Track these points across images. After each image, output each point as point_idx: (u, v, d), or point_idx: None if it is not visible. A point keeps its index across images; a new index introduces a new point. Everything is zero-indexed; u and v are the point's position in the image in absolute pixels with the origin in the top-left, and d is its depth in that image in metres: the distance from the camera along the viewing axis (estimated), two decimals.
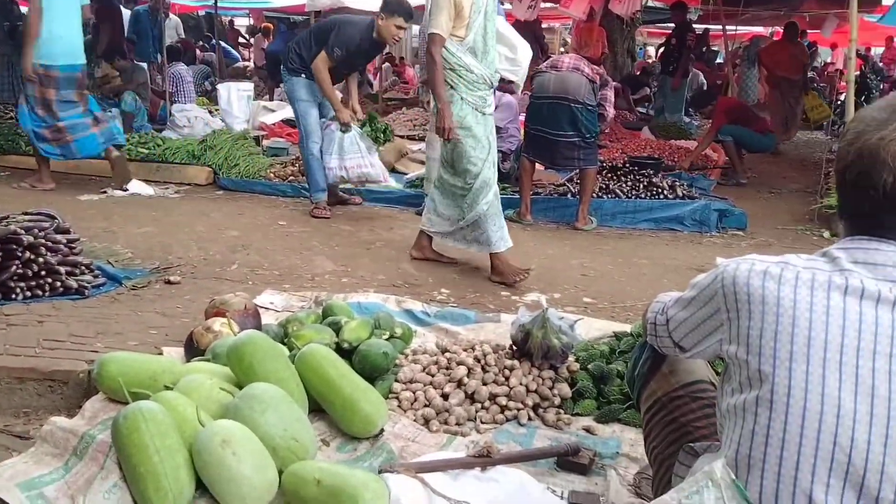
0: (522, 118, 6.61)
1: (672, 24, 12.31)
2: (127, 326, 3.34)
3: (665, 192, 6.46)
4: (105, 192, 6.32)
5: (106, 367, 2.51)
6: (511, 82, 5.52)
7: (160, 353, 3.00)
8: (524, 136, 6.42)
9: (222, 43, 16.32)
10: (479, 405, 2.75)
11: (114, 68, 8.91)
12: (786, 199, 7.74)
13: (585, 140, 5.95)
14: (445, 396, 2.75)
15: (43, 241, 3.69)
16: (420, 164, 7.30)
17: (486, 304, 4.00)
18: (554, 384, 2.84)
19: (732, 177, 8.33)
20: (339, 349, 2.83)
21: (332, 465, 2.20)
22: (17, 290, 3.55)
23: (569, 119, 5.90)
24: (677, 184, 6.64)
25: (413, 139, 9.43)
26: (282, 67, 6.04)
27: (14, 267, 3.56)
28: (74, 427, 2.31)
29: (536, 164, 6.29)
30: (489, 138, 4.42)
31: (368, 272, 4.46)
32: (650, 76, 13.88)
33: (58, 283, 3.67)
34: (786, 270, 1.38)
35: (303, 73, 5.81)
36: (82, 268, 3.85)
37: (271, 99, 12.48)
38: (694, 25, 12.83)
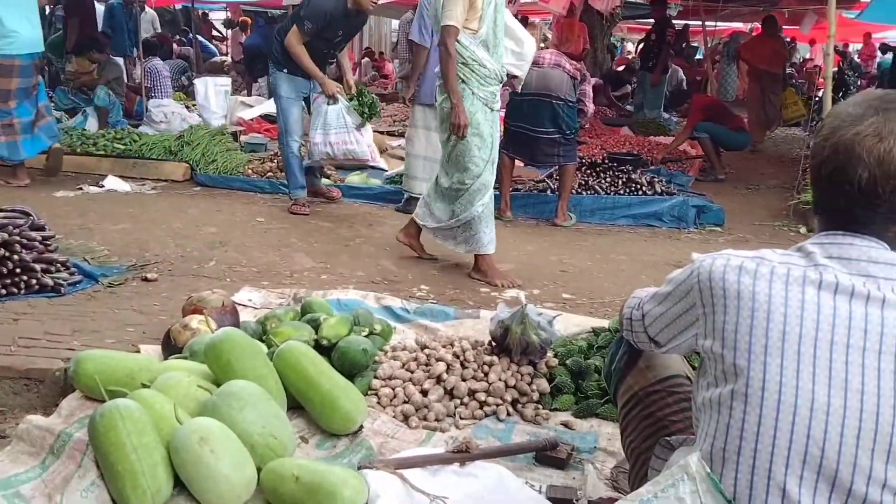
0: (502, 114, 6.60)
1: (652, 20, 12.35)
2: (103, 324, 3.31)
3: (644, 189, 6.50)
4: (81, 188, 6.25)
5: (82, 364, 2.49)
6: (515, 77, 5.48)
7: (137, 351, 2.98)
8: (504, 133, 6.42)
9: (199, 37, 16.16)
10: (459, 401, 2.76)
11: (90, 61, 8.78)
12: (763, 195, 7.79)
13: (566, 136, 5.96)
14: (425, 393, 2.75)
15: (18, 238, 3.65)
16: (400, 160, 7.23)
17: (466, 301, 4.01)
18: (532, 380, 2.86)
19: (710, 173, 8.39)
20: (318, 346, 2.83)
21: (311, 461, 2.20)
22: None
23: (550, 116, 5.90)
24: (656, 180, 6.67)
25: (393, 135, 9.39)
26: (269, 61, 5.94)
27: None
28: (51, 425, 2.29)
29: (516, 161, 6.29)
30: (493, 136, 4.33)
31: (348, 269, 4.45)
32: (632, 73, 13.90)
33: (33, 281, 3.62)
34: (761, 265, 1.39)
35: (285, 68, 5.68)
36: (58, 265, 3.80)
37: (249, 94, 12.41)
38: (674, 21, 12.89)
